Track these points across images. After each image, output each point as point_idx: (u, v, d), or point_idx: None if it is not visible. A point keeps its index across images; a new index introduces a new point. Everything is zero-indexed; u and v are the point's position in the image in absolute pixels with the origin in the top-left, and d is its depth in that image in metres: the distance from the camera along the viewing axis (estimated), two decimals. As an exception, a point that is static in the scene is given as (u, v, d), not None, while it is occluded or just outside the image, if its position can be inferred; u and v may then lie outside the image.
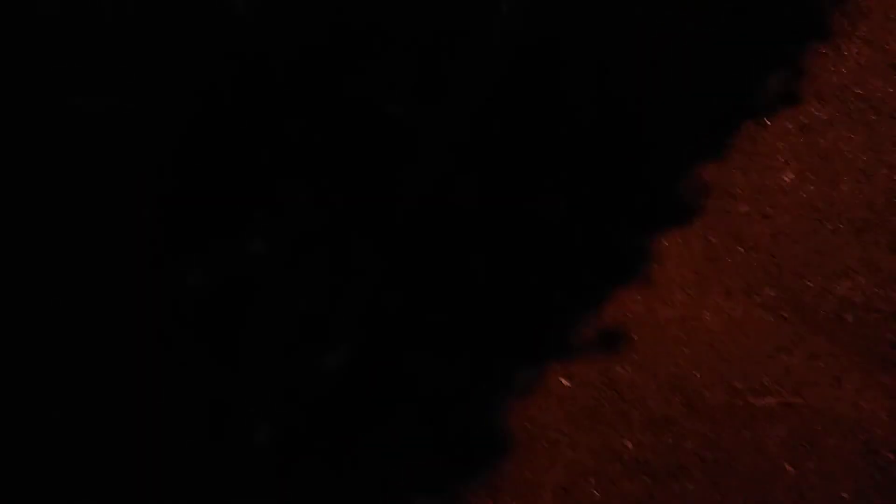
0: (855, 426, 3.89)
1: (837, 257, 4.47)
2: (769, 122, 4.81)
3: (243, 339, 3.47)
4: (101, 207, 3.64)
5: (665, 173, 4.53)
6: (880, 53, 5.28)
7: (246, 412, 3.38)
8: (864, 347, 4.06)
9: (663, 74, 4.92)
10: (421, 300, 3.92)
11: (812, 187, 4.62)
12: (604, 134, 4.64)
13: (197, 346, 3.53)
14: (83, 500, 3.24)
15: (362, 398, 3.71)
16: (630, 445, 3.86)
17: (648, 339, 4.12)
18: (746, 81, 4.97)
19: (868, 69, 5.15)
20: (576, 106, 4.74)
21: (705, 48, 5.05)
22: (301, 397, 3.50)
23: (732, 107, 4.80)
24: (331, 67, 3.75)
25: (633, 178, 4.50)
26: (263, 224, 3.69)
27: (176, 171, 3.85)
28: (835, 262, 4.44)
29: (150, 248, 3.65)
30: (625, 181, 4.52)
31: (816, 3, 5.33)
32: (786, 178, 4.64)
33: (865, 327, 4.16)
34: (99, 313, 3.55)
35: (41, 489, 3.28)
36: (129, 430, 3.47)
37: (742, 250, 4.47)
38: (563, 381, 3.92)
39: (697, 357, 4.11)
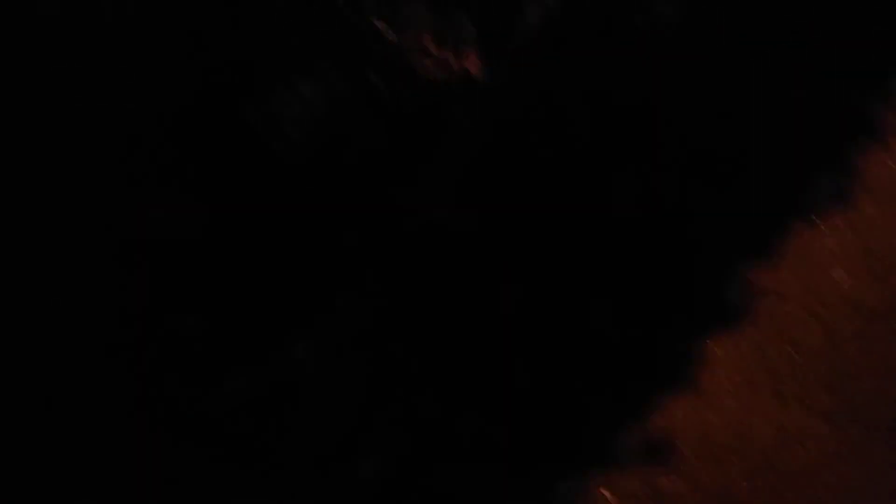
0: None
1: (891, 356, 4.30)
2: (819, 221, 4.72)
3: (278, 446, 3.47)
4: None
5: (713, 274, 4.47)
6: None
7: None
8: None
9: (713, 172, 4.89)
10: (461, 406, 3.88)
11: (863, 285, 4.49)
12: (649, 232, 4.61)
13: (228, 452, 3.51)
14: None
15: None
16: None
17: (696, 448, 3.98)
18: (797, 180, 4.92)
19: None
20: (617, 203, 4.73)
21: (757, 145, 5.03)
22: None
23: (783, 206, 4.73)
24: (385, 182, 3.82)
25: (681, 279, 4.44)
26: (308, 330, 3.74)
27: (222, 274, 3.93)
28: (890, 362, 4.27)
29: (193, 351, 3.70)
30: (672, 282, 4.46)
31: (863, 99, 5.28)
32: (835, 276, 4.52)
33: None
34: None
35: None
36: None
37: (793, 352, 4.34)
38: (605, 492, 3.80)
39: (748, 467, 3.95)
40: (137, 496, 3.38)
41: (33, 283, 3.50)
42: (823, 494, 3.72)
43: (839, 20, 5.20)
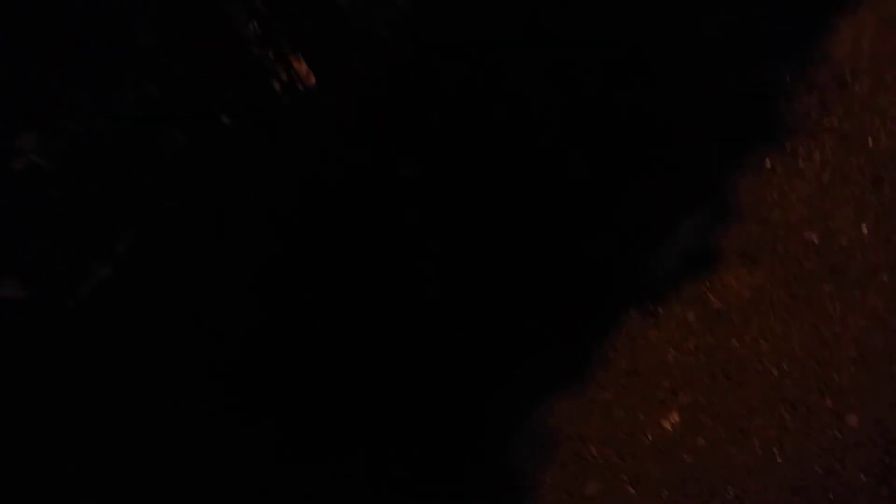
0: None
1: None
2: (662, 310, 3.31)
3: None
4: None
5: (509, 408, 3.58)
6: (856, 156, 2.98)
7: None
8: None
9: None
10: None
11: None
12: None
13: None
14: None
15: None
16: None
17: None
18: (639, 237, 3.46)
19: (833, 189, 2.99)
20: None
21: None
22: None
23: (610, 286, 3.42)
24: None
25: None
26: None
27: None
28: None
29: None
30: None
31: (774, 82, 3.30)
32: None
33: None
34: None
35: None
36: None
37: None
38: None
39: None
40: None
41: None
42: None
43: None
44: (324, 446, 3.45)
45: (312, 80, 3.91)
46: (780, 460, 2.55)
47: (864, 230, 2.78)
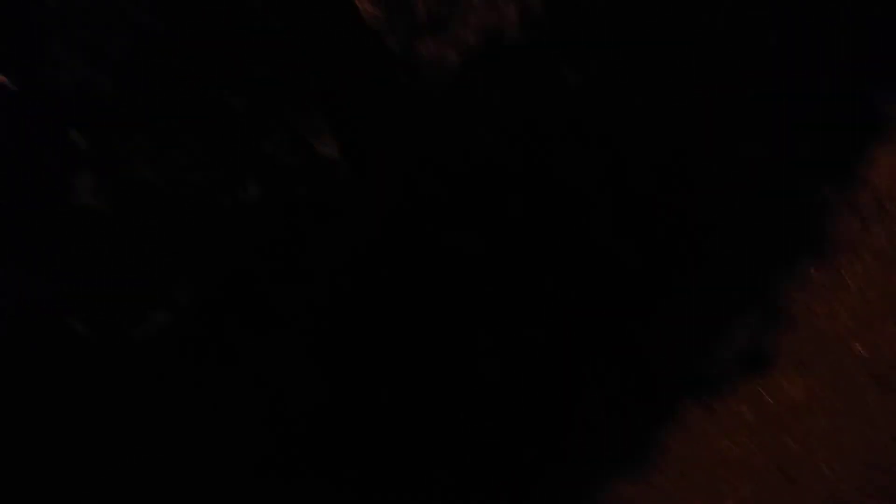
0: None
1: None
2: (719, 406, 3.57)
3: None
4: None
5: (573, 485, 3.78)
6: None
7: None
8: None
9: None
10: None
11: None
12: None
13: None
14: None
15: None
16: None
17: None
18: (697, 336, 3.75)
19: (878, 305, 3.34)
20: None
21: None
22: None
23: (670, 380, 3.68)
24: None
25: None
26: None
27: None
28: None
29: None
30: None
31: (818, 202, 3.67)
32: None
33: None
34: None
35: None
36: None
37: None
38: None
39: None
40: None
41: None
42: None
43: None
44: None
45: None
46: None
47: None
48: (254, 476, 4.04)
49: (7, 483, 4.01)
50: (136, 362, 4.42)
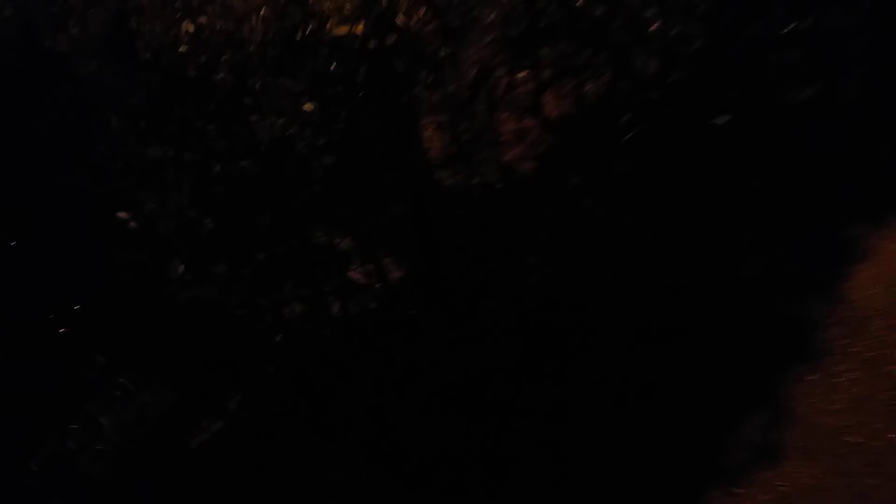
0: None
1: None
2: (740, 491, 4.15)
3: None
4: None
5: None
6: (881, 378, 4.08)
7: None
8: None
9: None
10: None
11: None
12: None
13: None
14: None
15: None
16: None
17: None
18: (714, 428, 4.38)
19: (866, 404, 4.03)
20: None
21: (657, 374, 4.64)
22: None
23: (695, 466, 4.27)
24: None
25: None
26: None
27: None
28: None
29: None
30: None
31: (799, 306, 4.46)
32: None
33: None
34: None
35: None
36: None
37: None
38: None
39: None
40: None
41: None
42: None
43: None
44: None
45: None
46: None
47: (892, 436, 3.80)
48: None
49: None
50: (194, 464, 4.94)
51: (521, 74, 4.80)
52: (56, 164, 4.14)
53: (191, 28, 3.42)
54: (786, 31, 5.22)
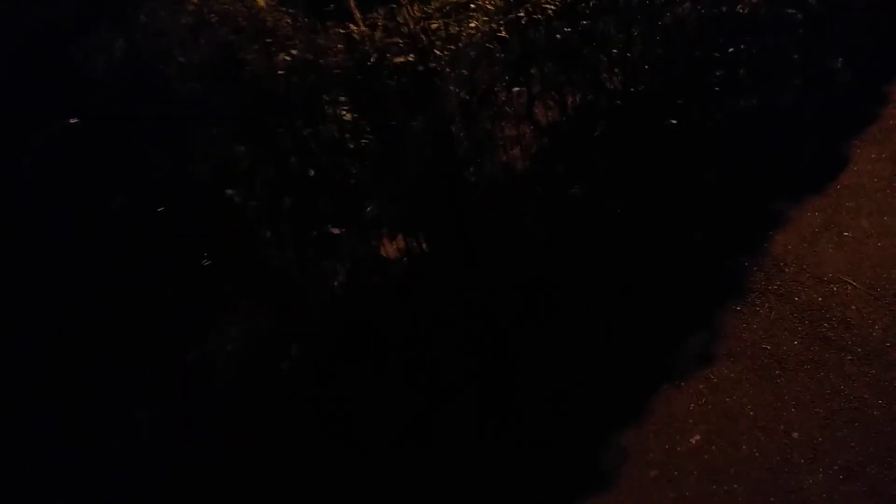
0: None
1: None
2: (684, 384, 5.63)
3: None
4: None
5: (580, 439, 5.64)
6: (789, 306, 5.63)
7: None
8: None
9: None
10: None
11: (715, 448, 5.29)
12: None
13: None
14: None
15: None
16: None
17: None
18: (666, 345, 5.89)
19: (777, 323, 5.57)
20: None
21: (626, 311, 6.14)
22: None
23: (652, 371, 5.75)
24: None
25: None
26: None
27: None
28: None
29: None
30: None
31: (734, 261, 6.00)
32: (692, 441, 5.40)
33: None
34: None
35: None
36: None
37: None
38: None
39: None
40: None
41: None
42: None
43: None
44: None
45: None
46: None
47: (796, 343, 5.32)
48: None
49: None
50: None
51: (517, 90, 6.34)
52: (166, 161, 5.61)
53: (287, 58, 5.00)
54: (731, 51, 6.78)
